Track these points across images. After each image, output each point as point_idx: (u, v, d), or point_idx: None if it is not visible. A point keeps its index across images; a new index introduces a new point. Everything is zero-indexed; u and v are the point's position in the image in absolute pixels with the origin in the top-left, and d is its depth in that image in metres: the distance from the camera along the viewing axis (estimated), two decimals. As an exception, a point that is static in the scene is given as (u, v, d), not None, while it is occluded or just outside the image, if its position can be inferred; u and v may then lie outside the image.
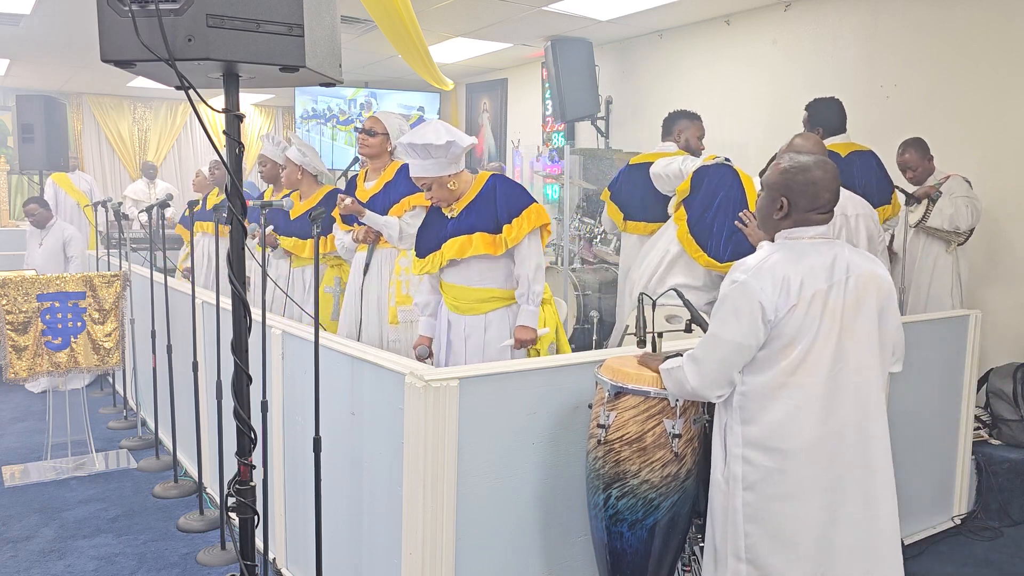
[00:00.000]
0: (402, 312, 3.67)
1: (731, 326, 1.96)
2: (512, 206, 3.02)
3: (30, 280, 4.11)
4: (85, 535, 3.50)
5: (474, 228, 3.04)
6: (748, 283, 1.95)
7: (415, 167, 3.02)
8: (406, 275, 3.68)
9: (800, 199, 2.02)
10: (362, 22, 6.38)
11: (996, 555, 3.42)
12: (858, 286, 2.00)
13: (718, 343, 1.98)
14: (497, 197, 3.04)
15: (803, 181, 2.01)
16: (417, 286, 3.61)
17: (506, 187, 3.08)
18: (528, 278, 3.02)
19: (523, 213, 3.01)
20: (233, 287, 1.83)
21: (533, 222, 3.01)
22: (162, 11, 1.57)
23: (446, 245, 3.09)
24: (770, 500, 1.98)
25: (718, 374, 1.99)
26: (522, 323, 3.04)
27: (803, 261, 1.97)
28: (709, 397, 2.03)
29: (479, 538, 2.24)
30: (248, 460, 1.91)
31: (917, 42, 4.91)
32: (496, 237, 3.02)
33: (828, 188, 2.02)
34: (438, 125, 3.02)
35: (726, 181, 3.54)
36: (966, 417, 3.64)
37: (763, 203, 2.10)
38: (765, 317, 1.93)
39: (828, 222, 2.06)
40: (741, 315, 1.94)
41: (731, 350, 1.97)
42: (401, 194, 3.62)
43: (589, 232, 5.76)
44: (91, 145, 11.11)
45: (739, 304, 1.95)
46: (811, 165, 2.02)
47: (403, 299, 3.67)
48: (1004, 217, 4.51)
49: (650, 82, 6.91)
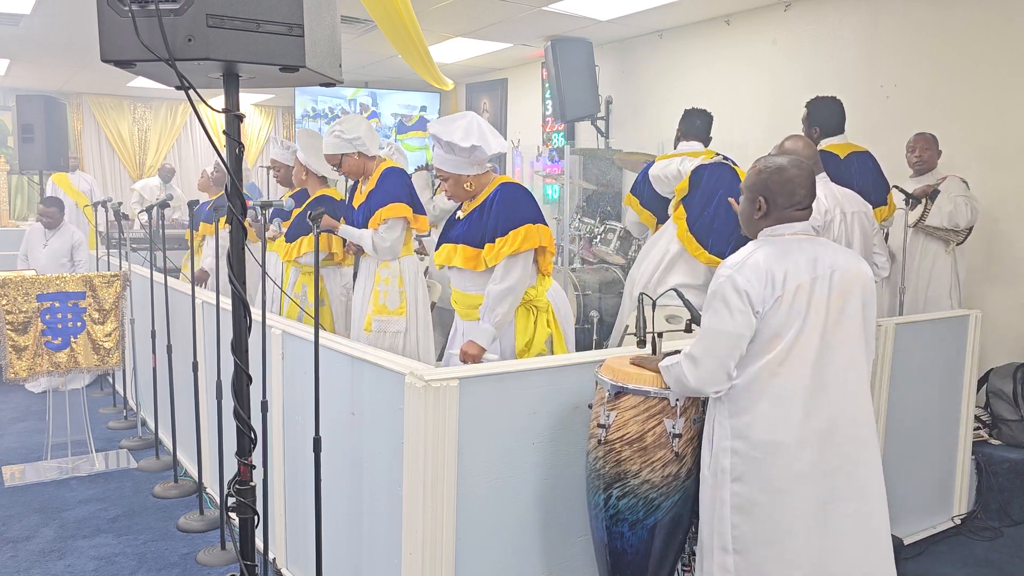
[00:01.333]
0: (377, 321, 3.63)
1: (723, 318, 2.00)
2: (501, 224, 2.87)
3: (30, 280, 4.11)
4: (85, 535, 3.50)
5: (460, 239, 2.99)
6: (734, 276, 2.01)
7: (436, 157, 2.97)
8: (384, 285, 3.63)
9: (778, 197, 2.09)
10: (362, 22, 6.38)
11: (996, 555, 3.42)
12: (843, 281, 2.05)
13: (713, 336, 2.02)
14: (493, 211, 2.90)
15: (779, 180, 2.09)
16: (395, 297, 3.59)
17: (505, 201, 2.92)
18: (492, 296, 2.88)
19: (509, 234, 2.85)
20: (233, 287, 1.83)
21: (517, 245, 2.84)
22: (162, 11, 1.57)
23: (439, 249, 3.09)
24: (759, 492, 2.01)
25: (716, 368, 2.02)
26: (471, 338, 2.94)
27: (787, 256, 2.03)
28: (708, 392, 2.06)
29: (479, 538, 2.24)
30: (248, 460, 1.91)
31: (917, 42, 4.91)
32: (479, 253, 2.92)
33: (803, 185, 2.10)
34: (471, 123, 2.90)
35: (725, 179, 3.55)
36: (966, 417, 3.64)
37: (743, 206, 2.18)
38: (753, 308, 1.99)
39: (807, 218, 2.13)
40: (731, 306, 1.99)
41: (726, 342, 2.00)
42: (378, 204, 3.57)
43: (589, 232, 5.76)
44: (91, 145, 11.11)
45: (728, 296, 2.00)
46: (785, 165, 2.11)
47: (379, 308, 3.63)
48: (1004, 217, 4.51)
49: (650, 82, 6.91)
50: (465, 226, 3.00)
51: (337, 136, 3.61)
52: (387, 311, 3.61)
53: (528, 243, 2.86)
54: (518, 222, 2.87)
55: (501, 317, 2.89)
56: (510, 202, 2.92)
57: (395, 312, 3.63)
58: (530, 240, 2.87)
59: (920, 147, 4.35)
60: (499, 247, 2.86)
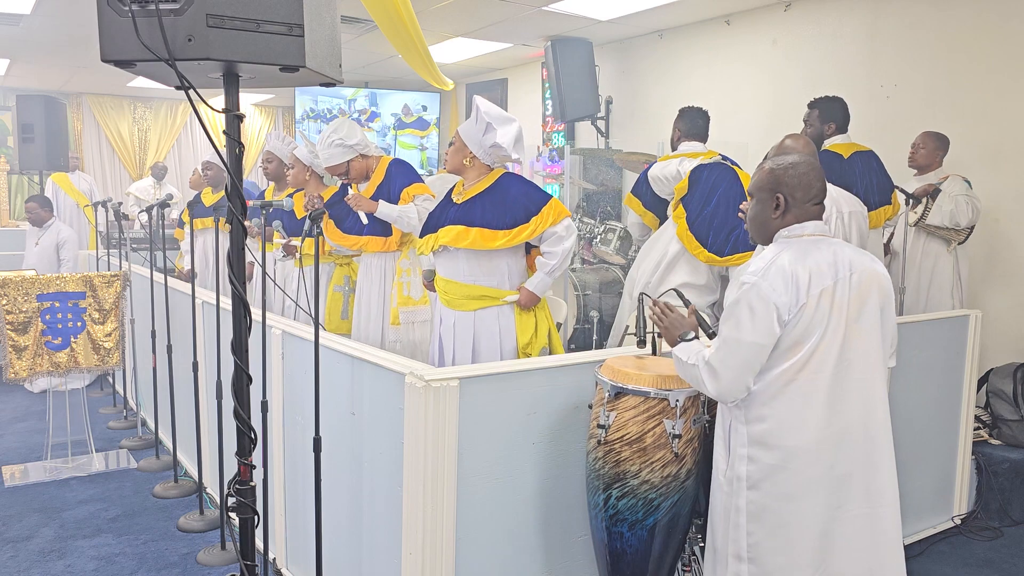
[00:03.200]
0: (404, 313, 3.71)
1: (747, 328, 1.93)
2: (530, 206, 3.05)
3: (30, 280, 4.11)
4: (85, 535, 3.50)
5: (475, 222, 3.03)
6: (760, 285, 1.94)
7: (466, 123, 3.11)
8: (407, 276, 3.70)
9: (796, 192, 2.04)
10: (362, 22, 6.38)
11: (996, 555, 3.42)
12: (861, 282, 2.01)
13: (737, 346, 1.95)
14: (514, 196, 3.06)
15: (794, 174, 2.04)
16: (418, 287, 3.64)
17: (522, 185, 3.12)
18: (560, 254, 3.07)
19: (543, 210, 3.05)
20: (233, 287, 1.83)
21: (556, 218, 3.05)
22: (162, 11, 1.56)
23: (443, 230, 3.10)
24: (774, 499, 1.98)
25: (736, 379, 1.96)
26: (531, 288, 3.10)
27: (809, 258, 1.98)
28: (727, 402, 2.03)
29: (479, 538, 2.24)
30: (248, 460, 1.91)
31: (917, 42, 4.91)
32: (499, 233, 3.02)
33: (818, 178, 2.06)
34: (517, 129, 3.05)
35: (724, 178, 3.54)
36: (966, 417, 3.64)
37: (757, 208, 2.10)
38: (780, 318, 1.92)
39: (822, 215, 2.08)
40: (757, 316, 1.93)
41: (749, 352, 1.94)
42: (400, 187, 3.68)
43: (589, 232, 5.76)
44: (91, 145, 11.11)
45: (754, 305, 1.93)
46: (796, 160, 2.07)
47: (404, 300, 3.70)
48: (1004, 217, 4.51)
49: (650, 82, 6.91)
50: (475, 209, 3.06)
51: (339, 145, 3.66)
52: (412, 302, 3.74)
53: (562, 213, 3.08)
54: (544, 198, 3.08)
55: (560, 271, 3.13)
56: (526, 185, 3.14)
57: (420, 302, 3.77)
58: (561, 211, 3.08)
59: (924, 143, 4.36)
60: (536, 224, 3.03)
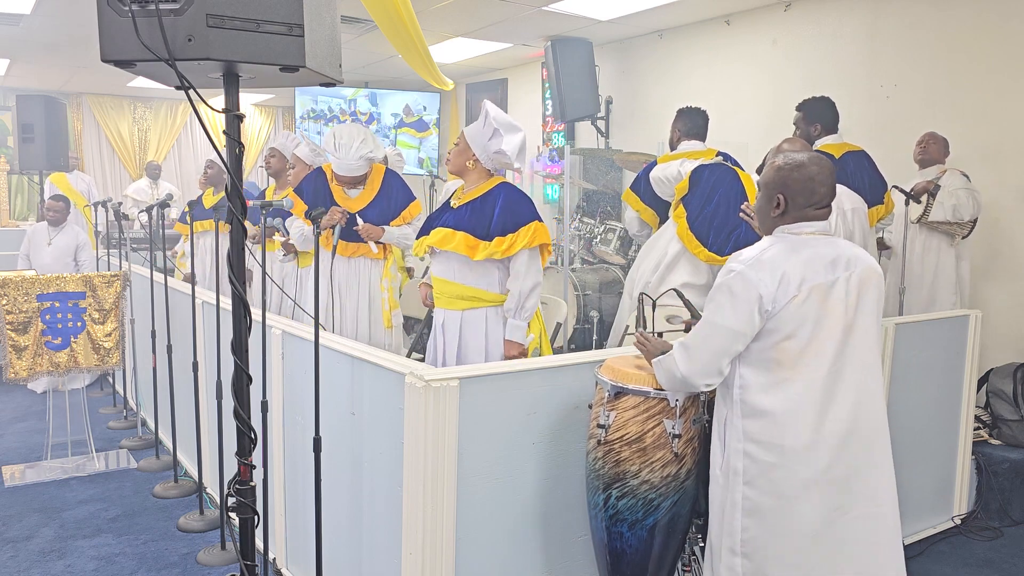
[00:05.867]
0: (395, 316, 3.81)
1: (727, 312, 1.96)
2: (509, 220, 3.00)
3: (30, 280, 4.11)
4: (85, 535, 3.50)
5: (461, 226, 3.05)
6: (745, 273, 1.95)
7: (474, 125, 3.09)
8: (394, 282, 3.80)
9: (797, 196, 2.02)
10: (362, 22, 6.38)
11: (996, 555, 3.42)
12: (860, 281, 2.01)
13: (712, 329, 1.98)
14: (497, 206, 3.02)
15: (799, 177, 2.02)
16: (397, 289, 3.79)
17: (510, 199, 3.05)
18: (522, 294, 3.02)
19: (521, 230, 2.99)
20: (233, 287, 1.83)
21: (531, 240, 2.99)
22: (162, 11, 1.56)
23: (434, 232, 3.14)
24: (770, 495, 1.98)
25: (709, 362, 1.98)
26: (510, 338, 3.05)
27: (801, 253, 1.98)
28: (698, 386, 2.02)
29: (479, 538, 2.24)
30: (248, 460, 1.91)
31: (917, 42, 4.91)
32: (480, 243, 3.00)
33: (824, 183, 2.03)
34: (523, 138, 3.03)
35: (725, 178, 3.55)
36: (966, 417, 3.64)
37: (760, 202, 2.11)
38: (762, 307, 1.93)
39: (826, 218, 2.07)
40: (737, 302, 1.94)
41: (725, 337, 1.96)
42: (402, 203, 3.75)
43: (589, 232, 5.76)
44: (91, 145, 11.11)
45: (736, 291, 1.95)
46: (806, 161, 2.03)
47: (395, 303, 3.82)
48: (1004, 216, 4.51)
49: (650, 82, 6.91)
50: (466, 214, 3.06)
51: (368, 158, 3.67)
52: (397, 304, 3.84)
53: (538, 238, 3.01)
54: (526, 219, 3.02)
55: (530, 311, 3.05)
56: (515, 201, 3.06)
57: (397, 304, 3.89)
58: (539, 236, 3.02)
59: (927, 142, 4.37)
60: (511, 241, 2.99)
